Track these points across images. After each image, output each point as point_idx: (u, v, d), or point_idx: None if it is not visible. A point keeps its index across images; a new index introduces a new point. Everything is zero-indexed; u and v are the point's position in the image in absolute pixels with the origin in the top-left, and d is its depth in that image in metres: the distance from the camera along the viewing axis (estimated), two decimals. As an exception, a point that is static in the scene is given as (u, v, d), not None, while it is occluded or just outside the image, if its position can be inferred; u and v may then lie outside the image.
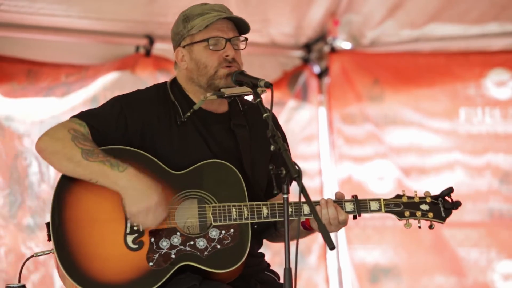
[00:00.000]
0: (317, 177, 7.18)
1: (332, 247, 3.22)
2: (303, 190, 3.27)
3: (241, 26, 3.82)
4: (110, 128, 3.71)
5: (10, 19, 5.88)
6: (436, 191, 3.84)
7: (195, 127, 3.79)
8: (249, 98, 3.83)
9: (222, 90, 3.74)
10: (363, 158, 7.12)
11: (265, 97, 3.64)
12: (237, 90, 3.74)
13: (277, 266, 3.85)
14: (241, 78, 3.71)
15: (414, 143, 7.07)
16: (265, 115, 3.50)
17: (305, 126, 7.20)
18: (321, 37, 7.03)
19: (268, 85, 3.58)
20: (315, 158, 7.20)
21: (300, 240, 3.63)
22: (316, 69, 7.23)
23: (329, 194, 7.13)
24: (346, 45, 7.08)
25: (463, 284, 6.90)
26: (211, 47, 3.75)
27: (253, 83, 3.65)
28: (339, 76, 7.10)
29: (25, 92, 5.98)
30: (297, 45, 7.12)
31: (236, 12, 3.90)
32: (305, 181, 4.03)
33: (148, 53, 6.42)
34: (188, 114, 3.76)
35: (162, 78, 6.36)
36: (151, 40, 6.39)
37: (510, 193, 6.92)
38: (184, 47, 3.82)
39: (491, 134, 6.99)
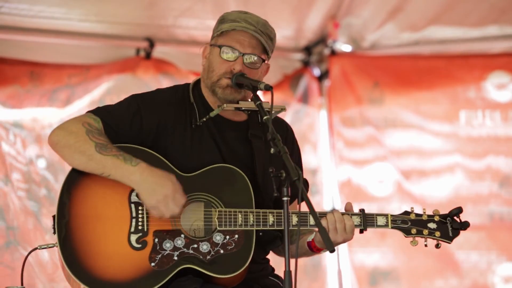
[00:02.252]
0: (317, 179, 7.18)
1: (332, 250, 3.22)
2: (302, 193, 3.25)
3: (265, 45, 3.78)
4: (124, 126, 3.71)
5: (11, 22, 5.89)
6: (436, 193, 3.84)
7: (209, 132, 3.79)
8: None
9: (240, 103, 3.74)
10: (363, 161, 7.11)
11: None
12: (254, 104, 3.74)
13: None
14: (241, 81, 3.71)
15: (414, 146, 7.06)
16: (265, 117, 3.50)
17: (306, 128, 7.20)
18: (321, 40, 7.03)
19: (268, 88, 3.58)
20: (315, 161, 7.20)
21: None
22: (316, 72, 7.23)
23: (329, 197, 7.12)
24: (346, 48, 7.08)
25: (463, 287, 6.89)
26: (222, 55, 3.75)
27: (253, 86, 3.65)
28: (339, 79, 7.10)
29: (29, 96, 6.00)
30: (297, 48, 7.12)
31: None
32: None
33: (148, 56, 6.43)
34: (204, 119, 3.77)
35: (164, 81, 6.37)
36: (151, 43, 6.40)
37: (511, 196, 6.91)
38: (211, 45, 3.84)
39: (491, 137, 6.99)
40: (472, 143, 7.00)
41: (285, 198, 3.31)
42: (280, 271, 3.90)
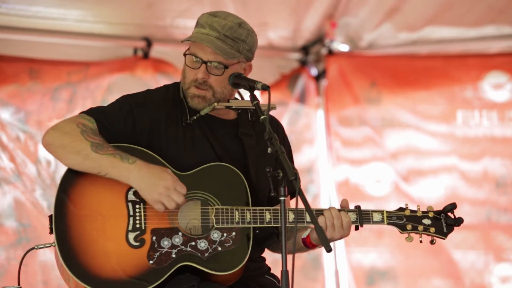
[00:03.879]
0: (314, 179, 7.18)
1: (328, 249, 3.23)
2: (300, 193, 3.26)
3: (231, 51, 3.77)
4: (119, 126, 3.73)
5: (8, 22, 5.90)
6: (433, 194, 3.86)
7: (201, 130, 3.81)
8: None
9: (230, 101, 3.78)
10: (360, 161, 7.11)
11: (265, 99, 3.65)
12: (245, 103, 3.80)
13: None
14: (238, 81, 3.72)
15: (411, 146, 7.06)
16: (262, 117, 3.52)
17: (303, 128, 7.20)
18: (319, 40, 7.03)
19: (266, 88, 3.60)
20: (312, 160, 7.21)
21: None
22: (314, 71, 7.23)
23: (326, 196, 7.13)
24: (343, 47, 7.08)
25: (460, 286, 6.90)
26: (187, 63, 3.79)
27: (250, 86, 3.66)
28: (336, 79, 7.10)
29: (31, 94, 6.01)
30: (295, 47, 7.12)
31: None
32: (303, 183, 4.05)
33: (146, 55, 6.44)
34: (194, 117, 3.79)
35: (163, 80, 6.38)
36: (149, 42, 6.40)
37: (507, 196, 6.92)
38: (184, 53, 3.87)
39: (488, 137, 6.99)
40: (469, 143, 7.00)
41: (282, 198, 3.32)
42: (276, 270, 3.92)
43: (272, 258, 4.02)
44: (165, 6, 6.15)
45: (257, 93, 3.71)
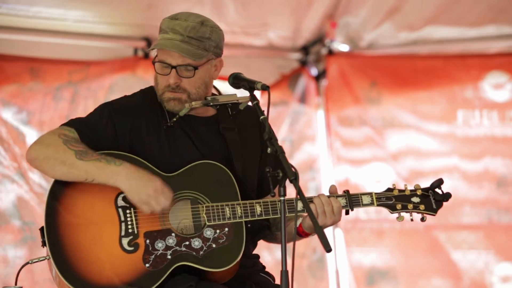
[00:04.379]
0: (315, 177, 7.18)
1: (328, 249, 3.23)
2: (300, 193, 3.27)
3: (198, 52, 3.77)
4: (100, 134, 3.73)
5: (9, 23, 5.90)
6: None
7: (182, 131, 3.81)
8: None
9: (207, 98, 3.78)
10: (360, 161, 7.11)
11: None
12: (223, 98, 3.80)
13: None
14: (238, 81, 3.72)
15: (412, 146, 7.06)
16: (261, 117, 3.52)
17: (304, 127, 7.20)
18: (319, 40, 7.04)
19: (265, 88, 3.60)
20: (313, 159, 7.21)
21: (297, 242, 3.66)
22: (314, 71, 7.23)
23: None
24: (343, 47, 7.08)
25: (460, 286, 6.90)
26: (158, 70, 3.77)
27: (250, 86, 3.66)
28: (336, 79, 7.11)
29: (32, 94, 6.02)
30: (295, 47, 7.12)
31: (234, 16, 3.90)
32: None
33: (146, 55, 6.44)
34: (174, 119, 3.79)
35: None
36: (149, 42, 6.41)
37: (508, 196, 6.92)
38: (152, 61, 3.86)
39: (488, 137, 7.00)
40: (469, 143, 7.00)
41: (282, 198, 3.31)
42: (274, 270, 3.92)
43: (267, 260, 4.02)
44: (165, 6, 6.15)
45: (257, 93, 3.72)
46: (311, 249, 7.00)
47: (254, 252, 3.94)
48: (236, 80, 3.73)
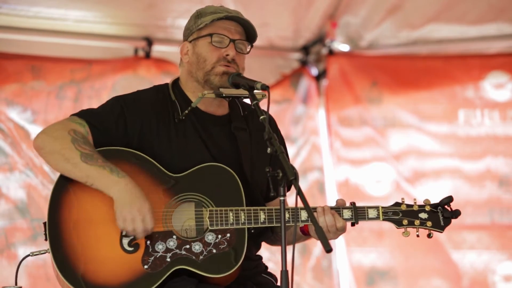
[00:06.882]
0: (315, 179, 7.18)
1: (328, 249, 3.22)
2: (300, 193, 3.25)
3: (250, 33, 3.86)
4: (110, 127, 3.72)
5: (9, 23, 5.91)
6: (435, 194, 3.83)
7: (194, 128, 3.80)
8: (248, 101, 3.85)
9: (220, 90, 3.76)
10: (360, 161, 7.10)
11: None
12: (236, 91, 3.76)
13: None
14: (238, 81, 3.72)
15: (413, 146, 7.06)
16: (261, 117, 3.52)
17: (303, 128, 7.20)
18: (319, 40, 7.03)
19: (265, 88, 3.59)
20: (313, 160, 7.20)
21: (298, 243, 3.65)
22: (314, 71, 7.23)
23: (328, 196, 7.12)
24: (344, 47, 7.08)
25: (460, 286, 6.89)
26: (214, 43, 3.78)
27: (250, 86, 3.65)
28: (337, 79, 7.10)
29: (35, 93, 6.01)
30: (295, 47, 7.12)
31: (234, 16, 3.90)
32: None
33: (147, 55, 6.44)
34: (186, 111, 3.78)
35: (167, 79, 6.39)
36: (149, 42, 6.41)
37: (510, 195, 6.91)
38: (190, 41, 3.87)
39: (490, 136, 6.99)
40: (471, 143, 7.00)
41: (282, 198, 3.31)
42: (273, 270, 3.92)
43: (266, 260, 4.01)
44: (165, 6, 6.16)
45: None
46: (311, 249, 7.00)
47: (257, 253, 3.95)
48: (236, 80, 3.73)
